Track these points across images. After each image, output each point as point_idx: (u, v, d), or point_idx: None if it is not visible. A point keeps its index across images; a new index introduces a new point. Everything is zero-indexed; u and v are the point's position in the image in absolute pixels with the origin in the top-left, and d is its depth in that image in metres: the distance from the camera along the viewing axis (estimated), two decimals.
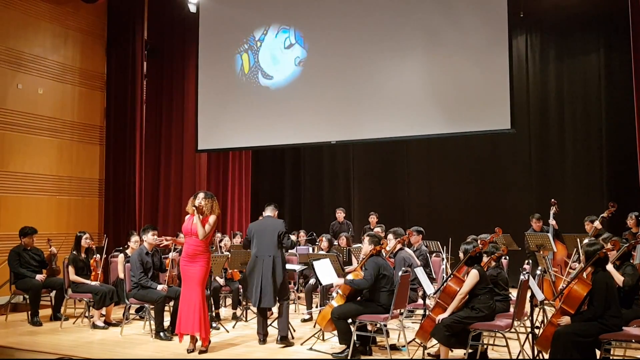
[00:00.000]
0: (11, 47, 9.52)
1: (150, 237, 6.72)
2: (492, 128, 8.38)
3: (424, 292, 5.96)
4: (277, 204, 6.63)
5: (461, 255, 5.37)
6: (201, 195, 5.83)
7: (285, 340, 6.06)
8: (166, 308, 6.57)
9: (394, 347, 5.82)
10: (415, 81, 8.85)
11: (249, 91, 10.20)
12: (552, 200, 8.37)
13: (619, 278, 5.08)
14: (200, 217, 5.70)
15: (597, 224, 7.63)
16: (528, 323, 5.38)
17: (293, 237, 8.06)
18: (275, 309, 6.34)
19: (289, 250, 8.02)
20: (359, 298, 5.71)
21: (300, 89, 9.75)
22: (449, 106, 8.57)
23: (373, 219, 10.08)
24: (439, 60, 8.68)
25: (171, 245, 6.55)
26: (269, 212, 6.40)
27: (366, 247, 5.75)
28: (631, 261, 5.44)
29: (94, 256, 7.48)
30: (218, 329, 6.82)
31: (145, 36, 11.08)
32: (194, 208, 5.70)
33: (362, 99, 9.18)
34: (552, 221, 8.18)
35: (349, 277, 5.77)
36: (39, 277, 7.41)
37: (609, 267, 4.99)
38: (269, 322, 6.37)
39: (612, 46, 9.82)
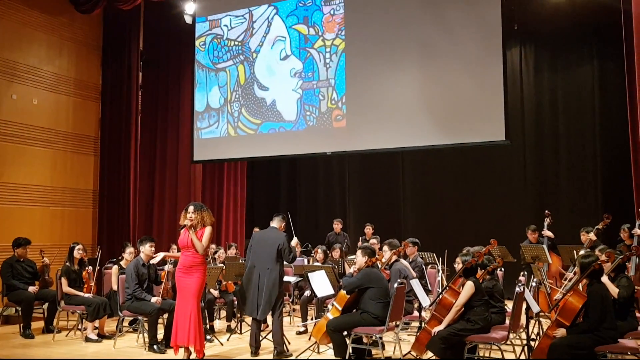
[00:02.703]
0: (6, 57, 9.52)
1: (147, 249, 6.67)
2: (486, 139, 8.40)
3: (420, 304, 5.94)
4: (284, 215, 6.43)
5: (457, 267, 5.36)
6: (191, 208, 5.72)
7: (282, 354, 6.02)
8: (160, 320, 6.52)
9: None
10: (410, 92, 8.88)
11: (244, 102, 10.22)
12: (546, 211, 8.38)
13: (614, 290, 5.07)
14: (194, 230, 5.66)
15: (592, 235, 7.64)
16: (524, 335, 5.38)
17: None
18: (269, 321, 6.30)
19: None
20: (354, 310, 5.68)
21: (295, 100, 9.76)
22: (443, 117, 8.59)
23: (369, 230, 10.06)
24: (433, 72, 8.71)
25: (167, 259, 6.49)
26: (275, 223, 6.28)
27: (360, 260, 5.72)
28: (625, 273, 5.45)
29: (86, 268, 7.42)
30: (212, 341, 6.77)
31: (140, 47, 11.07)
32: (186, 223, 5.65)
33: (356, 109, 9.20)
34: (546, 232, 8.19)
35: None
36: (31, 289, 7.35)
37: (604, 279, 4.99)
38: (263, 334, 6.34)
39: (605, 57, 9.88)
